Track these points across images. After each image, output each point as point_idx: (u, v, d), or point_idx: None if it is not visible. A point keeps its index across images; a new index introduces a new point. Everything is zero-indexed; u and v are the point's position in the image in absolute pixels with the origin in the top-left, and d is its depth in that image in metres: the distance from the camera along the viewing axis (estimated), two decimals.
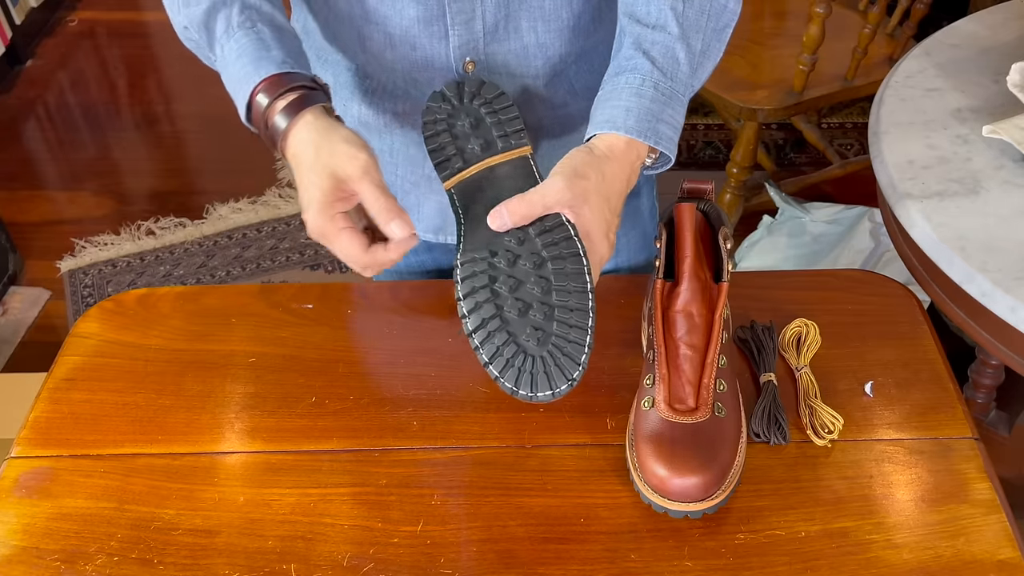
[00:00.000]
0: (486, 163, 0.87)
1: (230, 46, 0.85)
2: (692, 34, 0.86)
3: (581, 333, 0.78)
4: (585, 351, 0.77)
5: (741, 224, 2.27)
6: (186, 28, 0.89)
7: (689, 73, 0.86)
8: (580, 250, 0.80)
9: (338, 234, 0.81)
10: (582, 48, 0.96)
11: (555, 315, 0.79)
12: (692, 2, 0.85)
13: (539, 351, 0.78)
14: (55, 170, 2.73)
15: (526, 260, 0.81)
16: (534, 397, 0.77)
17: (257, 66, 0.84)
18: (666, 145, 0.84)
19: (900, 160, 1.18)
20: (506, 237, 0.82)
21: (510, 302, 0.80)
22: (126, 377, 0.93)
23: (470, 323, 0.80)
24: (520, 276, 0.81)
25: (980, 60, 1.34)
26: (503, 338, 0.79)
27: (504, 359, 0.78)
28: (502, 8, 0.90)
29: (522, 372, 0.78)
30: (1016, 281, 1.02)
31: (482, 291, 0.80)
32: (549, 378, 0.77)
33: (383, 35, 0.92)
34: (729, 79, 2.05)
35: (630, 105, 0.83)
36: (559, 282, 0.79)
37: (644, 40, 0.85)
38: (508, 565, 0.76)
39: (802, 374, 0.89)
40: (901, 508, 0.79)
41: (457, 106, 0.89)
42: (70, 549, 0.78)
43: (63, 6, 3.38)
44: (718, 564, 0.76)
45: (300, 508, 0.81)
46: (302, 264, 2.39)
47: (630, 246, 1.15)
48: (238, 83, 0.85)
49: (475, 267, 0.81)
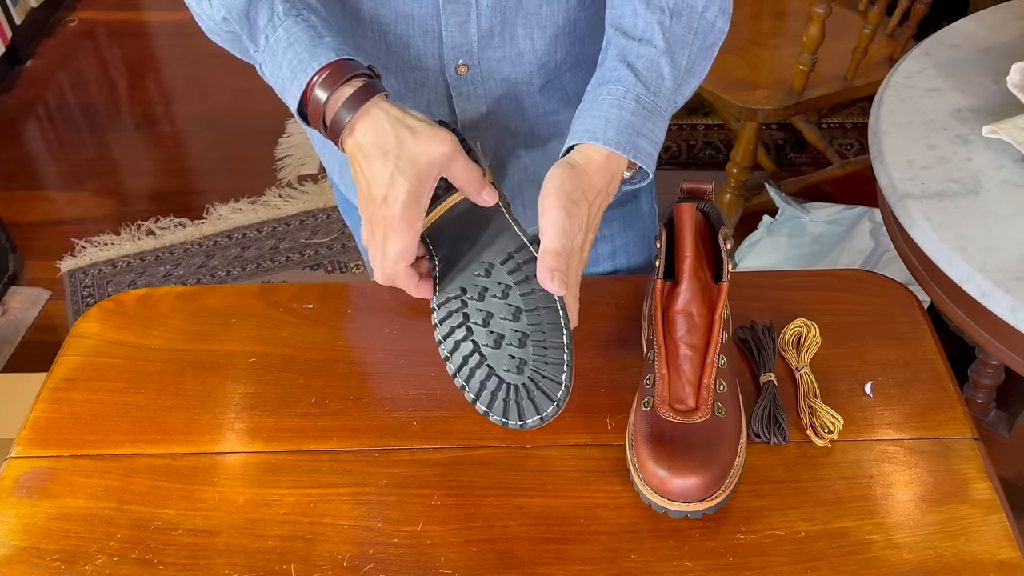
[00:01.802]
0: (447, 204, 0.87)
1: (277, 35, 0.83)
2: (678, 50, 0.85)
3: (558, 353, 0.78)
4: (564, 370, 0.78)
5: (741, 224, 2.27)
6: (225, 19, 0.85)
7: (673, 89, 0.85)
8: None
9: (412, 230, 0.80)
10: (577, 56, 0.96)
11: (529, 340, 0.79)
12: (680, 19, 0.85)
13: (519, 379, 0.79)
14: (55, 170, 2.73)
15: (494, 291, 0.82)
16: (524, 425, 0.78)
17: (313, 53, 0.81)
18: (644, 160, 0.83)
19: (900, 160, 1.18)
20: (475, 271, 0.83)
21: (484, 335, 0.81)
22: (126, 377, 0.93)
23: (452, 365, 0.82)
24: (491, 308, 0.82)
25: (980, 60, 1.34)
26: (484, 373, 0.80)
27: (489, 393, 0.79)
28: (497, 13, 0.89)
29: (508, 403, 0.79)
30: (1016, 281, 1.02)
31: (459, 330, 0.82)
32: (535, 404, 0.78)
33: (377, 34, 0.92)
34: (729, 79, 2.05)
35: (610, 117, 0.82)
36: (528, 306, 0.80)
37: (629, 53, 0.84)
38: (508, 565, 0.76)
39: (802, 374, 0.89)
40: (901, 508, 0.79)
41: None
42: (70, 549, 0.78)
43: (63, 6, 3.38)
44: (718, 564, 0.76)
45: (300, 508, 0.81)
46: (302, 264, 2.39)
47: (628, 247, 1.15)
48: (291, 71, 0.82)
49: (449, 307, 0.83)
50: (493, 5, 0.88)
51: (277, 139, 2.74)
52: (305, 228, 2.48)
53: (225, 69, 3.00)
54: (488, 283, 0.82)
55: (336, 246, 2.42)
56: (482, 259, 0.84)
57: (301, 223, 2.49)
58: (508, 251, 0.83)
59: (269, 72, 0.85)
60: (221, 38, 0.88)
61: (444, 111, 0.97)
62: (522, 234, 0.84)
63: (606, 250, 1.13)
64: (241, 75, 2.94)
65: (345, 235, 2.44)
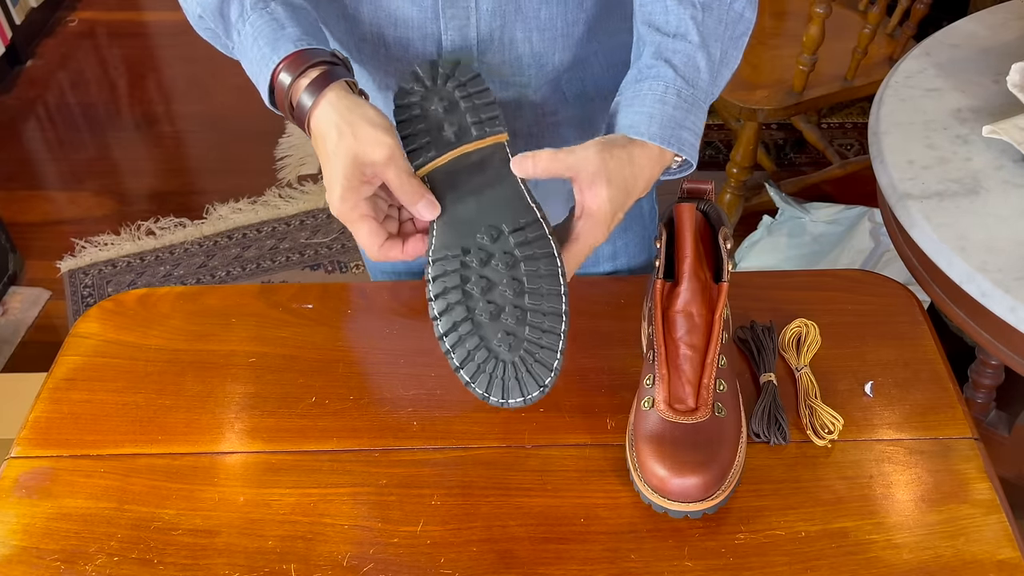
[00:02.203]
0: (460, 151, 0.83)
1: (246, 31, 0.84)
2: (712, 42, 0.86)
3: (554, 338, 0.77)
4: (558, 357, 0.77)
5: (741, 224, 2.27)
6: (201, 17, 0.86)
7: (709, 80, 0.87)
8: (554, 250, 0.79)
9: (359, 221, 0.80)
10: (575, 57, 0.96)
11: (527, 319, 0.78)
12: (711, 11, 0.86)
13: (511, 356, 0.77)
14: (55, 170, 2.73)
15: (499, 260, 0.79)
16: (505, 403, 0.77)
17: (274, 47, 0.82)
18: (689, 151, 0.85)
19: (900, 160, 1.18)
20: (478, 234, 0.80)
21: (482, 304, 0.78)
22: (126, 377, 0.93)
23: (441, 326, 0.79)
24: (492, 277, 0.79)
25: (980, 60, 1.34)
26: (475, 342, 0.78)
27: (475, 364, 0.78)
28: (497, 17, 0.89)
29: (493, 378, 0.77)
30: (1016, 281, 1.02)
31: (453, 292, 0.79)
32: (521, 384, 0.77)
33: (376, 36, 0.92)
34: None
35: (653, 112, 0.83)
36: (532, 284, 0.78)
37: (665, 49, 0.85)
38: (508, 565, 0.76)
39: (802, 374, 0.89)
40: (901, 508, 0.79)
41: (431, 87, 0.85)
42: (70, 549, 0.78)
43: (63, 6, 3.38)
44: (718, 564, 0.76)
45: (300, 508, 0.81)
46: (302, 264, 2.39)
47: (628, 247, 1.15)
48: (257, 66, 0.83)
49: (447, 266, 0.80)
50: (493, 9, 0.89)
51: (277, 139, 2.74)
52: (305, 228, 2.48)
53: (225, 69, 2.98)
54: (494, 249, 0.80)
55: (336, 246, 2.42)
56: (489, 221, 0.81)
57: (301, 223, 2.49)
58: (520, 221, 0.80)
59: (245, 67, 0.86)
60: (203, 34, 0.89)
61: None
62: (535, 206, 0.81)
63: (606, 250, 1.13)
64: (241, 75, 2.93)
65: (345, 235, 2.44)
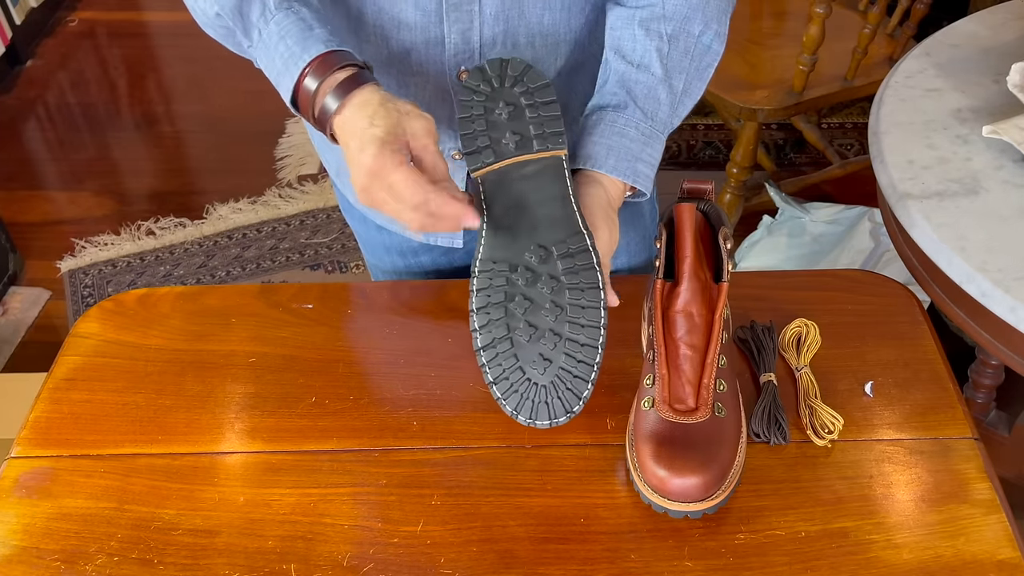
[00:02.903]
0: (517, 159, 0.83)
1: (269, 29, 0.84)
2: (675, 75, 0.90)
3: (587, 369, 0.79)
4: (588, 387, 0.79)
5: (741, 224, 2.27)
6: (218, 15, 0.85)
7: (670, 112, 0.90)
8: (599, 282, 0.80)
9: (397, 168, 0.77)
10: (576, 61, 0.97)
11: (564, 347, 0.79)
12: (677, 43, 0.89)
13: (543, 380, 0.79)
14: (55, 170, 2.73)
15: (545, 284, 0.81)
16: (533, 423, 0.80)
17: (304, 46, 0.82)
18: (643, 183, 0.89)
19: (900, 160, 1.18)
20: (527, 253, 0.81)
21: (523, 325, 0.80)
22: (126, 377, 0.93)
23: (480, 339, 0.81)
24: (536, 298, 0.80)
25: (980, 60, 1.34)
26: (511, 363, 0.80)
27: (509, 383, 0.80)
28: (500, 22, 0.90)
29: (524, 399, 0.79)
30: (1016, 281, 1.02)
31: (496, 308, 0.80)
32: (550, 408, 0.79)
33: (379, 39, 0.92)
34: (729, 79, 2.05)
35: (612, 144, 0.87)
36: (573, 314, 0.80)
37: (628, 78, 0.89)
38: (508, 565, 0.76)
39: (802, 374, 0.89)
40: (901, 508, 0.79)
41: (496, 89, 0.84)
42: (70, 549, 0.78)
43: (63, 6, 3.38)
44: (718, 564, 0.76)
45: (300, 508, 0.81)
46: (302, 264, 2.39)
47: (629, 247, 1.15)
48: (283, 63, 0.83)
49: (492, 280, 0.81)
50: (496, 14, 0.89)
51: (277, 139, 2.74)
52: (305, 228, 2.48)
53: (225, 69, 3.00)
54: (541, 270, 0.81)
55: (336, 246, 2.42)
56: (539, 240, 0.82)
57: (301, 223, 2.49)
58: (570, 247, 0.81)
59: (264, 66, 0.85)
60: (215, 32, 0.88)
61: (445, 115, 0.97)
62: (586, 232, 0.82)
63: None
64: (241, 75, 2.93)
65: (345, 235, 2.43)
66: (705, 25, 0.89)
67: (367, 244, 1.20)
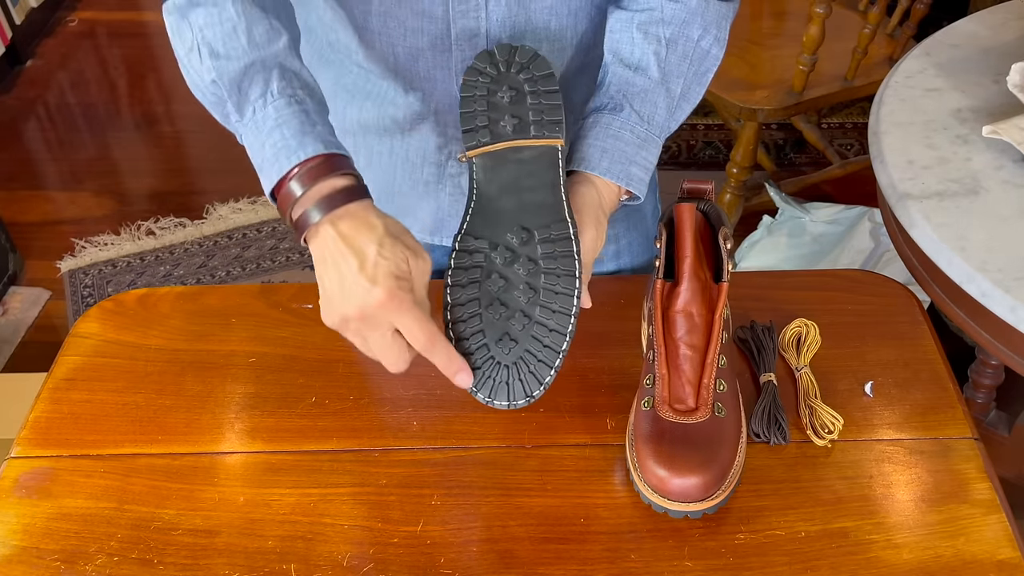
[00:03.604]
0: (512, 144, 0.83)
1: (266, 112, 0.79)
2: (673, 79, 0.89)
3: (551, 354, 0.78)
4: (551, 372, 0.78)
5: (741, 224, 2.27)
6: (214, 83, 0.80)
7: (666, 116, 0.90)
8: (576, 270, 0.80)
9: (413, 307, 0.75)
10: (582, 63, 0.97)
11: (532, 330, 0.79)
12: (675, 48, 0.88)
13: (507, 360, 0.79)
14: (55, 170, 2.73)
15: (522, 265, 0.81)
16: (491, 403, 0.79)
17: (301, 141, 0.77)
18: (636, 186, 0.88)
19: (900, 160, 1.18)
20: (509, 234, 0.81)
21: (494, 303, 0.80)
22: (126, 377, 0.93)
23: (450, 314, 0.80)
24: (512, 278, 0.80)
25: (980, 60, 1.34)
26: (478, 339, 0.80)
27: (473, 360, 0.79)
28: (507, 28, 0.90)
29: (485, 377, 0.79)
30: (1016, 281, 1.02)
31: (471, 285, 0.80)
32: (510, 389, 0.78)
33: (386, 46, 0.92)
34: (729, 79, 2.05)
35: (606, 147, 0.87)
36: (546, 298, 0.79)
37: (626, 81, 0.88)
38: (508, 565, 0.76)
39: (802, 374, 0.89)
40: (901, 508, 0.79)
41: (502, 73, 0.84)
42: (70, 549, 0.78)
43: (63, 6, 3.38)
44: (718, 564, 0.76)
45: (300, 508, 0.81)
46: (302, 264, 2.39)
47: (631, 247, 1.15)
48: (274, 154, 0.78)
49: (472, 255, 0.81)
50: (502, 19, 0.89)
51: None
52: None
53: None
54: (521, 251, 0.81)
55: None
56: (523, 222, 0.81)
57: None
58: (552, 232, 0.81)
59: (249, 145, 0.81)
60: (205, 97, 0.82)
61: (452, 120, 0.97)
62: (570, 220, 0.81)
63: (610, 250, 1.13)
64: None
65: None
66: (704, 30, 0.89)
67: None
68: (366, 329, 0.77)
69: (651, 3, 0.88)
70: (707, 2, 0.88)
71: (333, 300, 0.77)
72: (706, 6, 0.88)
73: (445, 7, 0.88)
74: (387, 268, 0.74)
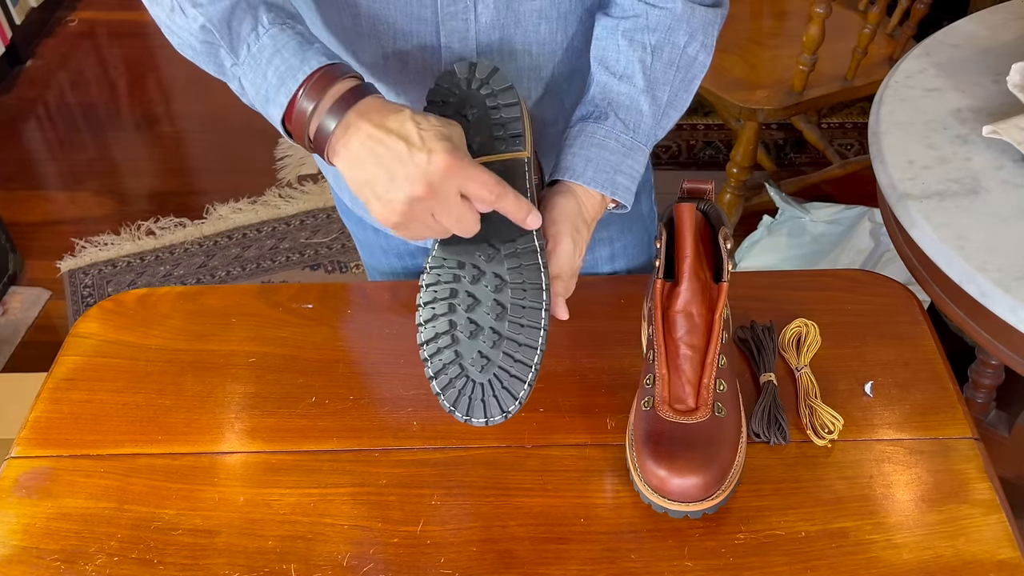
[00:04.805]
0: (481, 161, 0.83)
1: (262, 43, 0.79)
2: (659, 87, 0.89)
3: (524, 369, 0.78)
4: (525, 387, 0.77)
5: (741, 224, 2.27)
6: (204, 28, 0.80)
7: (652, 125, 0.89)
8: (543, 284, 0.79)
9: (474, 163, 0.75)
10: (573, 68, 0.97)
11: (503, 345, 0.78)
12: (661, 55, 0.88)
13: (481, 378, 0.78)
14: (55, 170, 2.73)
15: (488, 281, 0.80)
16: (469, 421, 0.77)
17: (303, 58, 0.77)
18: (622, 195, 0.88)
19: (900, 160, 1.18)
20: (477, 251, 0.81)
21: (464, 321, 0.80)
22: (126, 377, 0.93)
23: (423, 334, 0.80)
24: (479, 295, 0.80)
25: (980, 60, 1.34)
26: (450, 356, 0.79)
27: (448, 378, 0.78)
28: (496, 30, 0.90)
29: (461, 394, 0.78)
30: (1016, 281, 1.02)
31: (441, 303, 0.80)
32: (486, 407, 0.77)
33: (375, 48, 0.92)
34: (729, 79, 2.05)
35: (591, 156, 0.86)
36: (514, 314, 0.79)
37: (610, 89, 0.88)
38: (508, 565, 0.76)
39: (802, 374, 0.89)
40: (901, 508, 0.79)
41: (464, 91, 0.84)
42: (70, 549, 0.78)
43: (63, 6, 3.38)
44: (718, 564, 0.76)
45: (300, 508, 0.81)
46: (302, 264, 2.39)
47: (627, 249, 1.15)
48: (279, 78, 0.78)
49: (441, 275, 0.81)
50: (491, 22, 0.89)
51: (277, 139, 2.74)
52: (305, 228, 2.48)
53: None
54: (487, 268, 0.80)
55: (336, 246, 2.42)
56: (489, 239, 0.81)
57: (301, 223, 2.49)
58: (516, 245, 0.80)
59: (250, 83, 0.81)
60: (195, 50, 0.82)
61: None
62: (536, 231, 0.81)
63: (605, 253, 1.13)
64: None
65: (345, 235, 2.43)
66: (691, 36, 0.88)
67: (364, 246, 1.20)
68: (436, 203, 0.76)
69: (636, 9, 0.88)
70: (693, 8, 0.87)
71: (390, 192, 0.75)
72: (692, 12, 0.87)
73: (434, 10, 0.88)
74: (435, 135, 0.74)
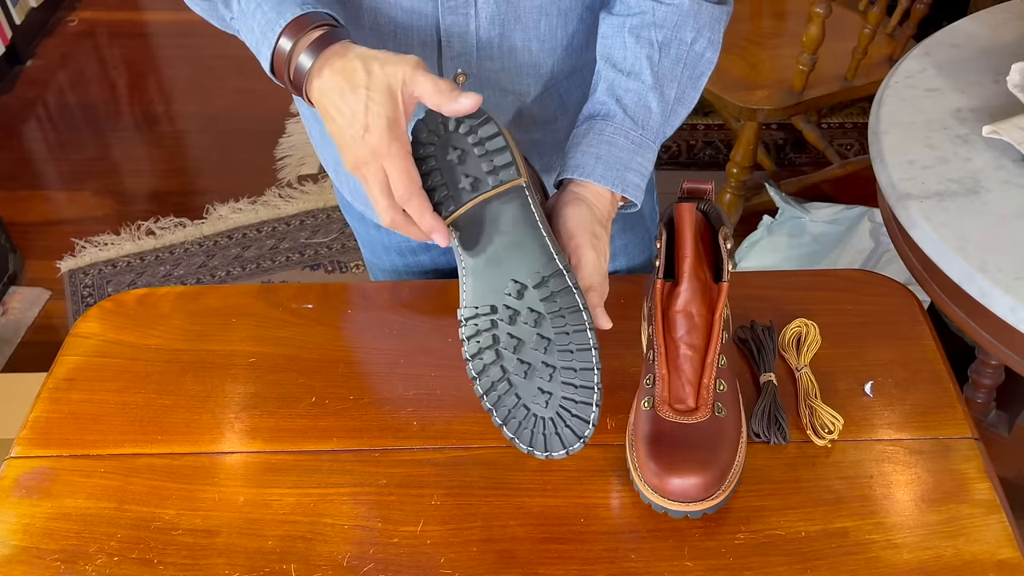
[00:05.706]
0: (476, 200, 0.82)
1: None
2: (666, 83, 0.88)
3: (587, 392, 0.78)
4: (593, 410, 0.77)
5: (741, 224, 2.27)
6: None
7: (661, 121, 0.89)
8: (579, 303, 0.79)
9: (401, 156, 0.77)
10: (573, 66, 0.97)
11: (559, 376, 0.78)
12: (668, 51, 0.88)
13: (548, 413, 0.78)
14: (55, 170, 2.73)
15: (526, 318, 0.80)
16: (549, 455, 0.78)
17: (279, 11, 0.80)
18: (633, 192, 0.87)
19: (900, 160, 1.18)
20: (505, 291, 0.80)
21: (515, 364, 0.79)
22: (126, 377, 0.93)
23: (480, 386, 0.80)
24: (521, 335, 0.80)
25: (980, 60, 1.34)
26: (513, 401, 0.79)
27: (517, 421, 0.79)
28: (496, 25, 0.90)
29: (535, 434, 0.79)
30: (1016, 281, 1.02)
31: (487, 352, 0.80)
32: (561, 439, 0.78)
33: (375, 42, 0.92)
34: (729, 79, 2.05)
35: (600, 153, 0.86)
36: (560, 342, 0.79)
37: (618, 87, 0.88)
38: (508, 565, 0.76)
39: (802, 374, 0.89)
40: (901, 508, 0.79)
41: (443, 135, 0.83)
42: (70, 549, 0.78)
43: (63, 6, 3.37)
44: (718, 564, 0.76)
45: (300, 508, 0.81)
46: (302, 264, 2.39)
47: (627, 248, 1.15)
48: (261, 31, 0.81)
49: (479, 325, 0.81)
50: (492, 17, 0.89)
51: (277, 139, 2.74)
52: (305, 228, 2.48)
53: (226, 70, 3.00)
54: (519, 306, 0.80)
55: (336, 246, 2.42)
56: (514, 277, 0.81)
57: (301, 223, 2.49)
58: (541, 274, 0.80)
59: (245, 35, 0.84)
60: (200, 7, 0.88)
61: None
62: (556, 255, 0.80)
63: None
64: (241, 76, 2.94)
65: (345, 235, 2.43)
66: (697, 32, 0.88)
67: (366, 242, 1.20)
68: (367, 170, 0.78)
69: (642, 6, 0.88)
70: (700, 4, 0.88)
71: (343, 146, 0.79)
72: (699, 8, 0.88)
73: (434, 4, 0.88)
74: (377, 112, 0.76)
